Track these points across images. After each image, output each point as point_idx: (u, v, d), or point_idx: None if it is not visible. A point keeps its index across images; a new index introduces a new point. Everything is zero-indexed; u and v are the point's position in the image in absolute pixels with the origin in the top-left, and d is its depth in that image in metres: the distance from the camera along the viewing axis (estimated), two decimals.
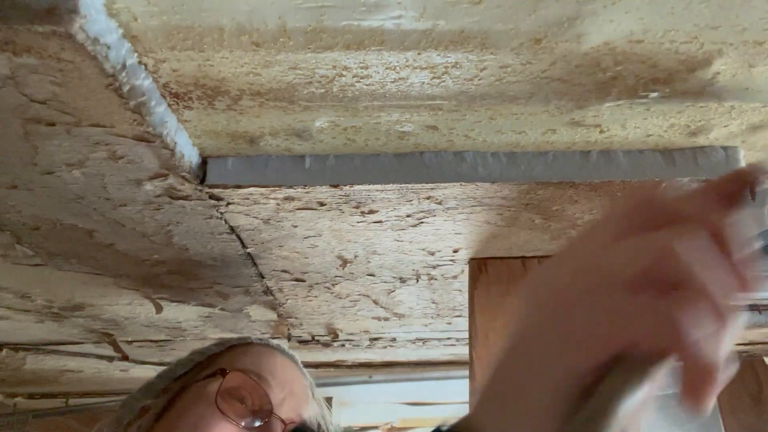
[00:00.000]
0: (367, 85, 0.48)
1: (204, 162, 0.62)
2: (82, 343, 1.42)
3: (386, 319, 1.36)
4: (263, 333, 1.34)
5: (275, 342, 0.68)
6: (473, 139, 0.58)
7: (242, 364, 0.59)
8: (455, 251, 0.91)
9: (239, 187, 0.62)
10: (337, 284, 1.04)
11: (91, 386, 1.61)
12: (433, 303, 1.27)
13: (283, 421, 0.58)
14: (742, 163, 0.61)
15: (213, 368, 0.58)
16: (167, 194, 0.66)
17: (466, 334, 0.94)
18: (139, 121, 0.50)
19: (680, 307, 0.26)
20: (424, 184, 0.64)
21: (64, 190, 0.65)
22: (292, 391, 0.62)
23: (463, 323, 1.47)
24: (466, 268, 0.97)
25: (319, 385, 0.71)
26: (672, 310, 0.26)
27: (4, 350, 1.44)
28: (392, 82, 0.48)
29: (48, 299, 1.09)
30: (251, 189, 0.63)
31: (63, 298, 1.09)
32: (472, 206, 0.72)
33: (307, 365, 0.68)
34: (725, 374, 0.27)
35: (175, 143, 0.55)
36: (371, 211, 0.71)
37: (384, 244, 0.84)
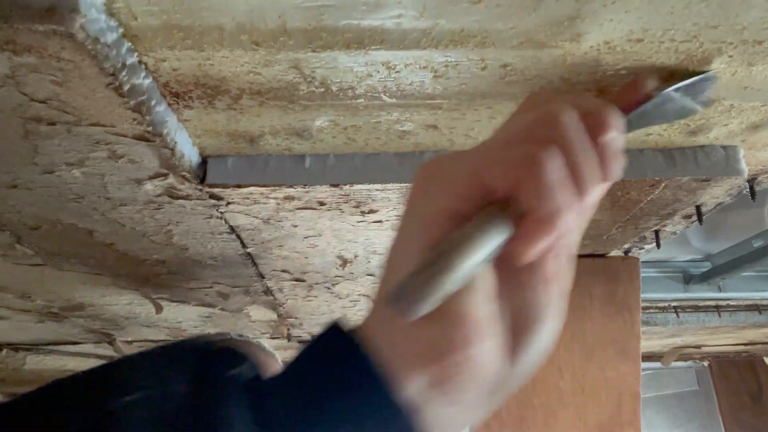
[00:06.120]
0: (367, 84, 0.48)
1: (204, 161, 0.62)
2: (82, 343, 1.42)
3: None
4: (263, 333, 1.34)
5: (256, 340, 0.67)
6: (474, 138, 0.58)
7: None
8: None
9: (239, 186, 0.62)
10: (337, 284, 1.04)
11: None
12: None
13: None
14: (742, 162, 0.61)
15: None
16: (167, 194, 0.66)
17: None
18: (139, 120, 0.50)
19: (541, 148, 0.27)
20: None
21: (64, 189, 0.65)
22: None
23: None
24: None
25: None
26: (533, 149, 0.27)
27: (4, 350, 1.44)
28: (392, 80, 0.48)
29: (48, 299, 1.09)
30: (251, 188, 0.63)
31: (63, 298, 1.09)
32: None
33: None
34: (564, 252, 0.29)
35: (176, 142, 0.55)
36: (371, 211, 0.71)
37: (384, 243, 0.84)
